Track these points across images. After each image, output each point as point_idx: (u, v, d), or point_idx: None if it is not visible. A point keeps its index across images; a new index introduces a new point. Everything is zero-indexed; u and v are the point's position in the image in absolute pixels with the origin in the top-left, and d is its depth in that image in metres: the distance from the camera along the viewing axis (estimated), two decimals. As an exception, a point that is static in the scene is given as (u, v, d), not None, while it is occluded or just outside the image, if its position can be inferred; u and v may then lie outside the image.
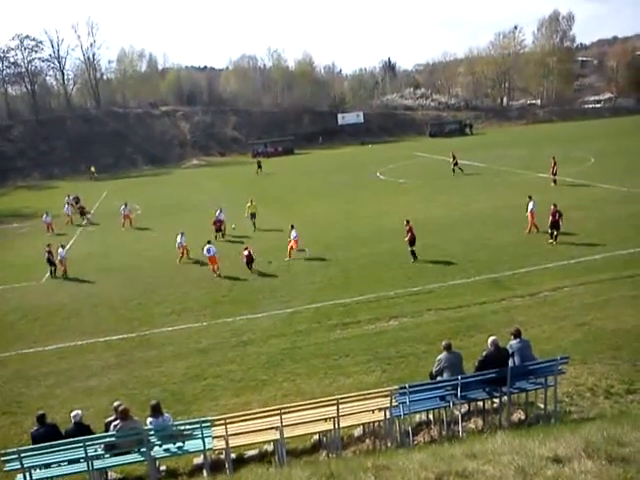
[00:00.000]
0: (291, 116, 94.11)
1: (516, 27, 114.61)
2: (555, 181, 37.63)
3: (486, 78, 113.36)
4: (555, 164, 37.78)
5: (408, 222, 24.11)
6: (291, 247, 25.98)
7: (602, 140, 60.09)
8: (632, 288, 18.24)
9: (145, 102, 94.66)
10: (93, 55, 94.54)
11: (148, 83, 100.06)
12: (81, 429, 9.81)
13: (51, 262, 26.93)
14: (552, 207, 24.91)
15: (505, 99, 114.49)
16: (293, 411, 10.23)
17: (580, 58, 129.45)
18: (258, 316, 19.10)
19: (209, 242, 25.33)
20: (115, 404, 10.22)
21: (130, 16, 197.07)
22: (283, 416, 9.91)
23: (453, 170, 45.91)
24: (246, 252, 24.58)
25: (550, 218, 24.56)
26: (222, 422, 9.83)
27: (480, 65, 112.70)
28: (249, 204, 33.32)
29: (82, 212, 40.87)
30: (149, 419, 9.90)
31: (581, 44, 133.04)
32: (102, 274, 26.40)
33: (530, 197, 27.21)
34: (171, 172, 71.45)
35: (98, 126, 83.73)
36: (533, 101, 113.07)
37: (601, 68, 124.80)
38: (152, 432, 9.73)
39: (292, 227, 26.37)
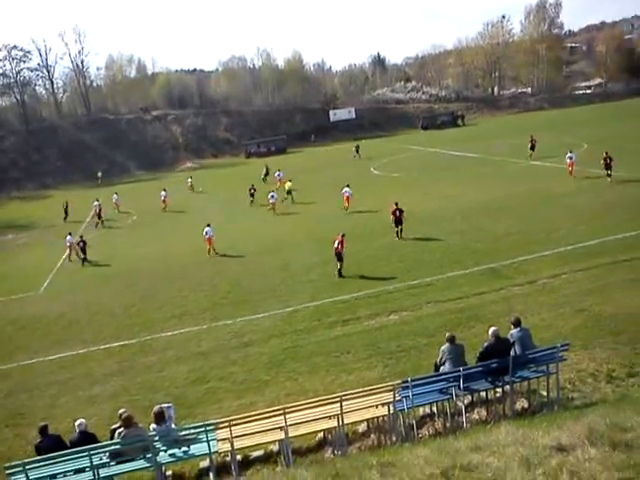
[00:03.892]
0: (283, 115, 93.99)
1: (504, 16, 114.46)
2: (531, 155, 43.09)
3: (476, 68, 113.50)
4: (533, 140, 43.84)
5: (396, 204, 26.23)
6: (210, 244, 27.93)
7: (594, 125, 60.21)
8: (629, 272, 18.26)
9: (136, 107, 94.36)
10: (82, 62, 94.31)
11: (138, 88, 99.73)
12: (86, 438, 9.77)
13: (84, 251, 29.88)
14: (604, 153, 32.08)
15: (496, 89, 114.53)
16: (297, 410, 10.21)
17: (569, 44, 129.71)
18: (258, 317, 19.08)
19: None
20: (120, 411, 10.21)
21: (117, 22, 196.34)
22: (287, 415, 9.90)
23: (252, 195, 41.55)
24: (336, 243, 22.16)
25: (603, 162, 31.66)
26: (226, 424, 9.80)
27: (469, 56, 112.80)
28: (289, 183, 40.29)
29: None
30: (152, 425, 9.89)
31: (569, 31, 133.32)
32: (100, 281, 26.44)
33: (570, 150, 34.97)
34: (165, 176, 71.27)
35: (90, 133, 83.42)
36: (524, 89, 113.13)
37: (590, 54, 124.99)
38: (157, 438, 9.72)
39: (208, 225, 28.16)
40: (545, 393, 11.36)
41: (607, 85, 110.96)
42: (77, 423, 10.07)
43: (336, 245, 22.15)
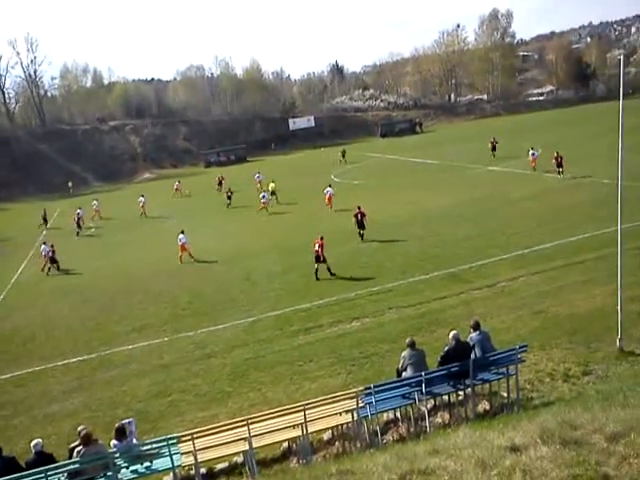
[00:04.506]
0: (242, 124, 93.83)
1: (459, 25, 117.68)
2: (493, 156, 46.25)
3: (433, 76, 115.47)
4: (494, 141, 47.32)
5: (359, 207, 26.98)
6: (183, 252, 27.96)
7: (548, 131, 61.78)
8: (582, 273, 18.78)
9: (92, 118, 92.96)
10: (35, 72, 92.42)
11: (94, 98, 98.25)
12: (43, 458, 9.47)
13: (54, 260, 29.74)
14: (555, 153, 35.44)
15: (453, 96, 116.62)
16: (260, 420, 10.17)
17: (521, 53, 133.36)
18: (220, 327, 18.91)
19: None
20: (79, 429, 9.97)
21: (71, 30, 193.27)
22: (251, 426, 9.84)
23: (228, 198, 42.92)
24: (316, 246, 22.55)
25: (554, 161, 35.11)
26: (189, 437, 9.69)
27: (426, 63, 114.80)
28: (273, 184, 41.67)
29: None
30: (113, 442, 9.70)
31: (521, 40, 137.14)
32: (58, 295, 25.82)
33: (532, 147, 38.75)
34: (124, 187, 70.30)
35: (45, 144, 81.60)
36: (480, 96, 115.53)
37: (541, 62, 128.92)
38: (117, 455, 9.53)
39: (182, 232, 28.25)
40: (505, 394, 11.57)
41: (558, 92, 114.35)
42: (33, 444, 9.74)
43: (316, 248, 22.39)
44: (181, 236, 28.13)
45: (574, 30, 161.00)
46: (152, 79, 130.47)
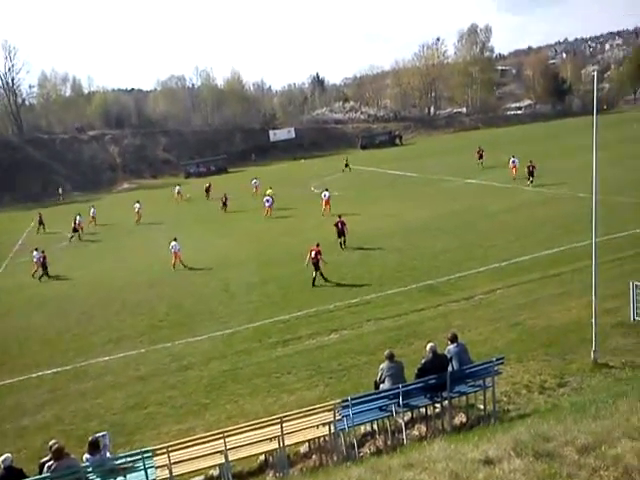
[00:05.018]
0: (222, 135, 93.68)
1: (438, 39, 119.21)
2: (481, 164, 48.56)
3: (413, 89, 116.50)
4: (480, 151, 49.58)
5: (340, 216, 28.02)
6: (176, 259, 28.16)
7: (526, 145, 62.53)
8: (558, 286, 19.02)
9: (71, 127, 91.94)
10: (12, 80, 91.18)
11: (74, 107, 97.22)
12: (12, 474, 9.23)
13: (45, 266, 29.81)
14: (529, 162, 37.34)
15: (432, 108, 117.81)
16: (237, 433, 10.07)
17: (500, 67, 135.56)
18: (197, 339, 18.76)
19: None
20: (50, 443, 9.76)
21: (51, 38, 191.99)
22: (227, 439, 9.74)
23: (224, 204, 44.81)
24: (313, 253, 22.80)
25: (526, 169, 37.07)
26: (164, 451, 9.55)
27: (406, 76, 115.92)
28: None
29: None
30: (86, 455, 9.53)
31: (500, 54, 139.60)
32: (33, 306, 25.39)
33: (513, 156, 40.48)
34: (103, 197, 69.57)
35: (22, 154, 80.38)
36: (459, 109, 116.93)
37: (519, 76, 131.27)
38: (90, 469, 9.36)
39: (175, 239, 28.36)
40: (482, 407, 11.62)
41: (536, 106, 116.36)
42: (2, 459, 9.45)
43: (313, 255, 22.60)
44: (174, 243, 28.24)
45: (550, 46, 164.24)
46: (132, 89, 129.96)
